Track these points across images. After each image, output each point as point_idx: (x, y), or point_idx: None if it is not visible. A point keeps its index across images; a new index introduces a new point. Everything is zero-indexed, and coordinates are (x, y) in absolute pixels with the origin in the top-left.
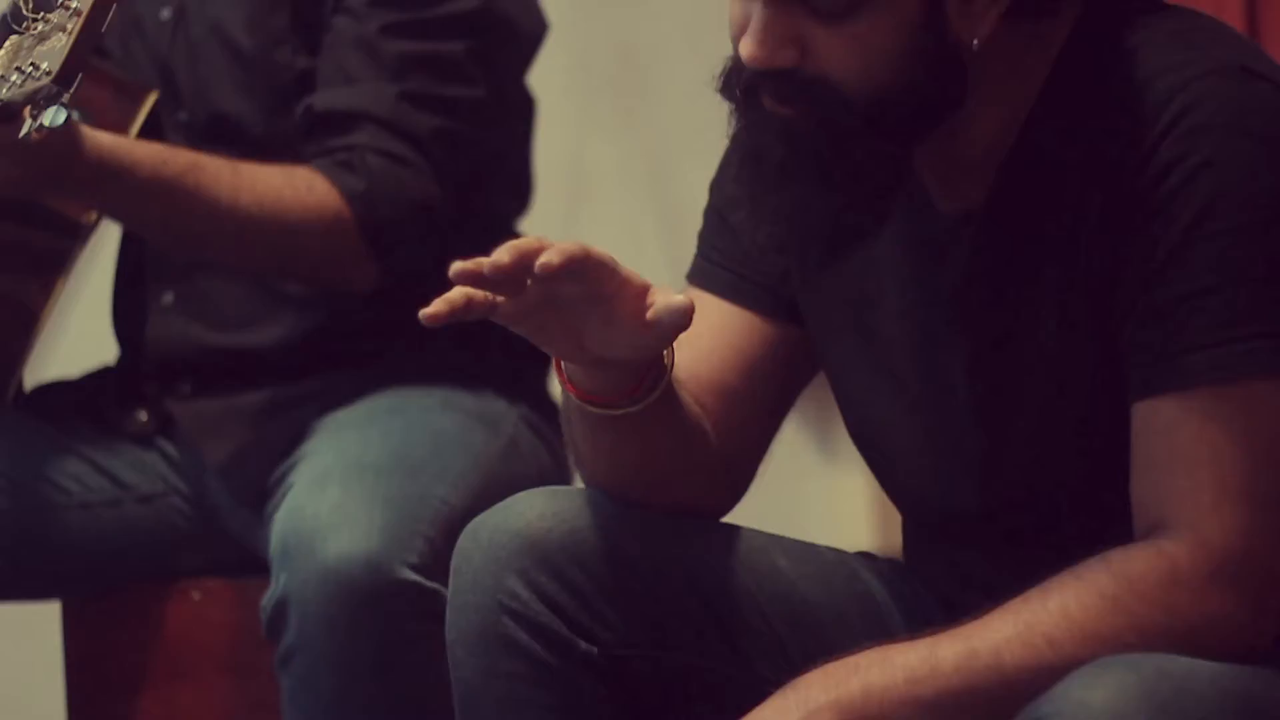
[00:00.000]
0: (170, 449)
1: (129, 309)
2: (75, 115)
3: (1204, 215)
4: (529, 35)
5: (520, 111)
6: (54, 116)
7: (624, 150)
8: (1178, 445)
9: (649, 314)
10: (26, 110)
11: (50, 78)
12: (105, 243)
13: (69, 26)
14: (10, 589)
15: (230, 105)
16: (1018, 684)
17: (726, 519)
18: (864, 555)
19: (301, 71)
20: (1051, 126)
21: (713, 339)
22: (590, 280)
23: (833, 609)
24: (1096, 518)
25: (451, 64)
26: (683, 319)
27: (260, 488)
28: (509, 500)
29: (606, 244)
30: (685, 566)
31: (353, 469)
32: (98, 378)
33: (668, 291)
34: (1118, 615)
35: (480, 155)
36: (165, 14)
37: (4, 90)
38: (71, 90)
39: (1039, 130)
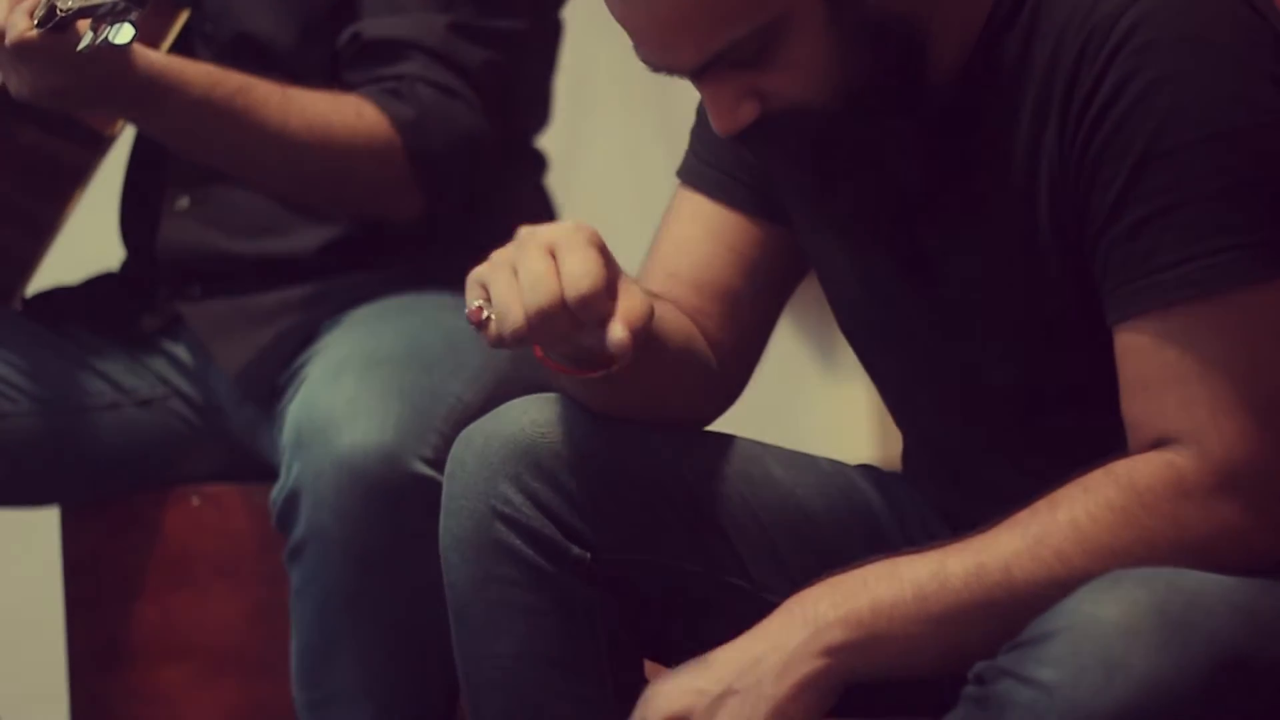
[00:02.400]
0: (176, 350)
1: (140, 212)
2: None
3: (1162, 131)
4: None
5: (553, 40)
6: (120, 33)
7: (624, 59)
8: (1165, 363)
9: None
10: (87, 23)
11: None
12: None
13: None
14: (9, 495)
15: (259, 26)
16: (1027, 598)
17: (728, 430)
18: (863, 467)
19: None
20: (1006, 43)
21: (707, 241)
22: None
23: (830, 517)
24: (1086, 420)
25: None
26: (624, 351)
27: (272, 385)
28: (504, 406)
29: (608, 153)
30: (680, 474)
31: (368, 362)
32: (100, 283)
33: (627, 288)
34: (1127, 528)
35: (520, 86)
36: None
37: (77, 11)
38: (143, 10)
39: (993, 48)
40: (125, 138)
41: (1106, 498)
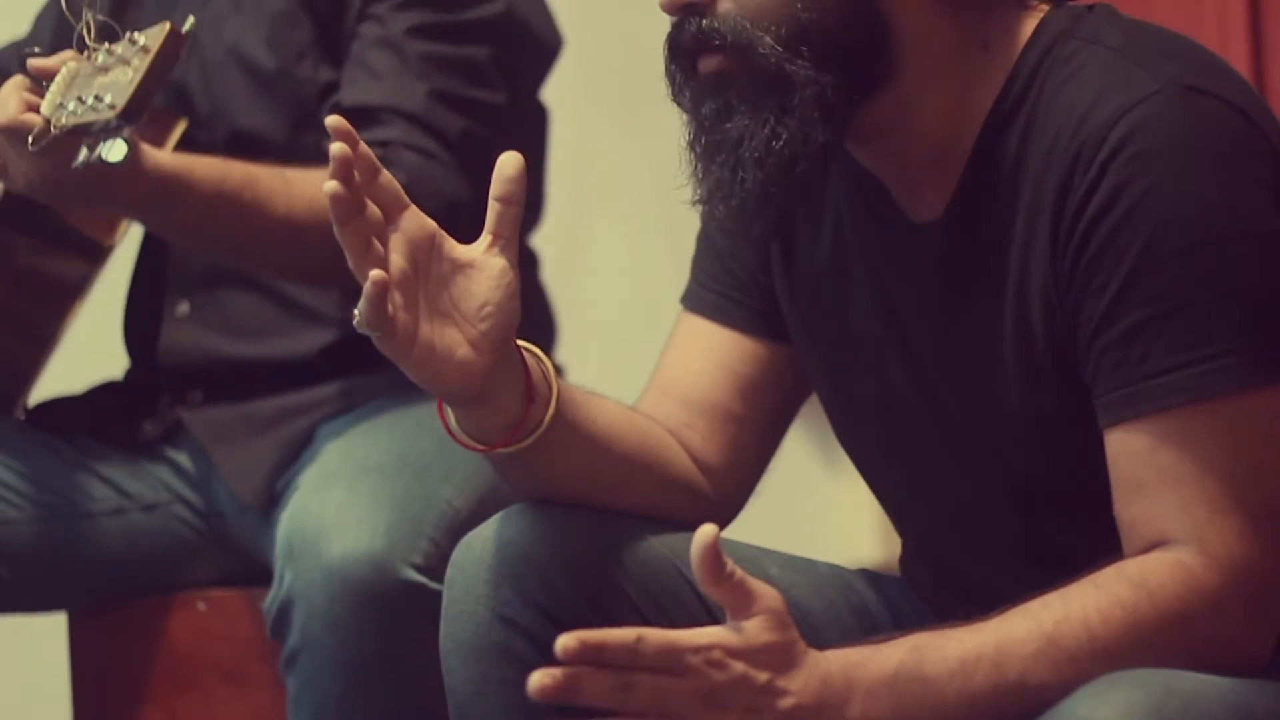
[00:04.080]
0: (178, 457)
1: (142, 319)
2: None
3: (1155, 239)
4: (547, 46)
5: (535, 123)
6: (113, 150)
7: (631, 160)
8: (1161, 466)
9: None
10: (83, 140)
11: (114, 112)
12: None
13: (135, 62)
14: (17, 601)
15: (251, 122)
16: (1035, 698)
17: (730, 529)
18: (861, 570)
19: (325, 84)
20: (1005, 140)
21: (702, 360)
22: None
23: (828, 617)
24: (1082, 525)
25: (475, 67)
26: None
27: (269, 492)
28: (502, 513)
29: (613, 253)
30: (678, 576)
31: (358, 470)
32: (102, 391)
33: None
34: (1136, 628)
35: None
36: None
37: (62, 117)
38: (135, 126)
39: (993, 143)
40: (129, 245)
41: (1117, 595)
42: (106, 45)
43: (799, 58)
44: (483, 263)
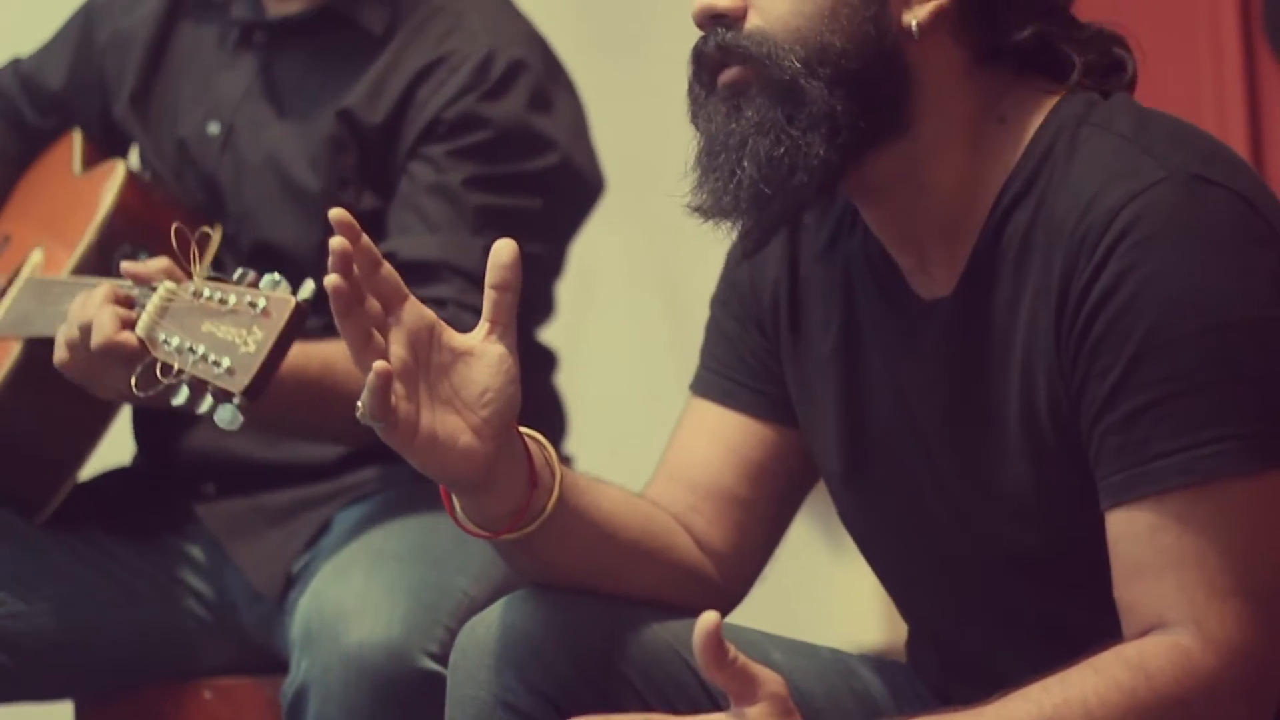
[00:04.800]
0: (189, 548)
1: (154, 415)
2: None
3: (1159, 324)
4: (594, 190)
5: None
6: (223, 415)
7: (632, 244)
8: (1160, 548)
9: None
10: (186, 379)
11: (235, 385)
12: None
13: (255, 332)
14: (25, 690)
15: (281, 236)
16: None
17: (736, 611)
18: (864, 655)
19: (366, 212)
20: (1016, 219)
21: (710, 445)
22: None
23: (830, 701)
24: (1086, 609)
25: (530, 220)
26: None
27: (284, 580)
28: (506, 598)
29: (614, 338)
30: (680, 661)
31: (376, 557)
32: (111, 479)
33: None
34: (1133, 712)
35: (538, 302)
36: (213, 129)
37: (167, 355)
38: (252, 401)
39: (1004, 221)
40: None
41: (1116, 679)
42: (220, 285)
43: (815, 77)
44: (482, 350)
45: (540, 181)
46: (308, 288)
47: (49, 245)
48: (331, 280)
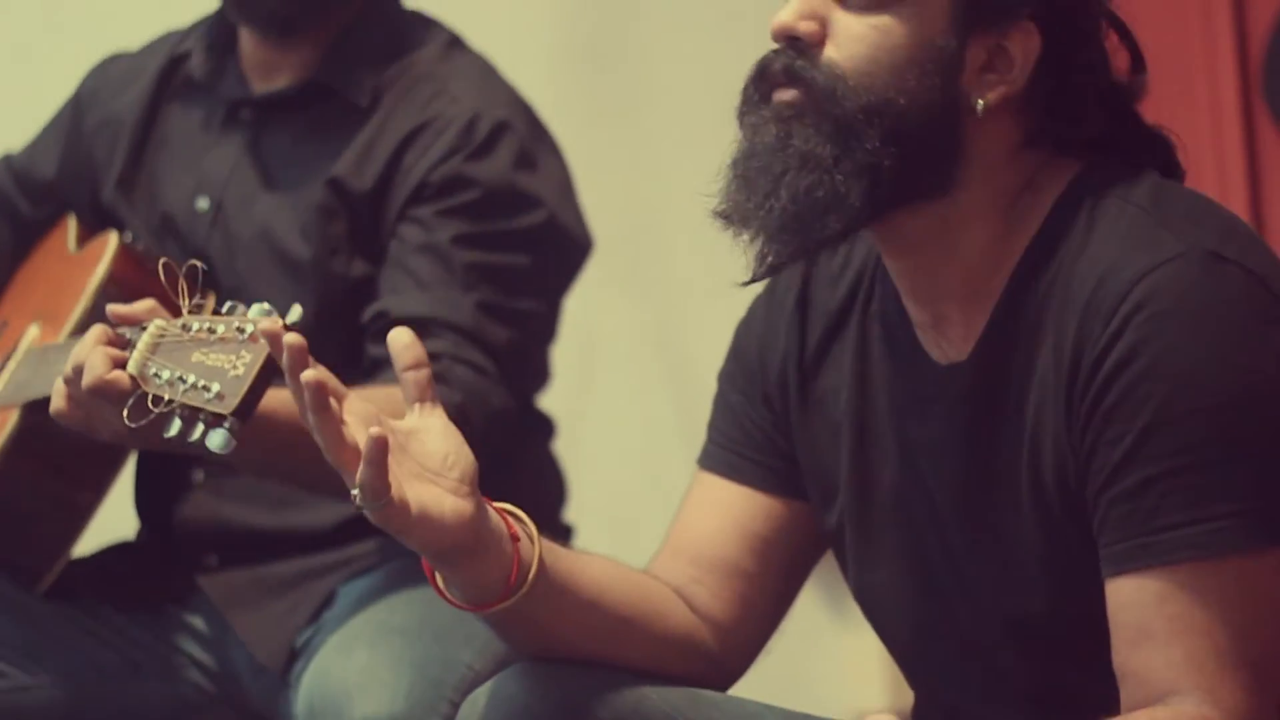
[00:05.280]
0: (191, 619)
1: (155, 487)
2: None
3: (1171, 398)
4: (582, 249)
5: (559, 314)
6: (215, 439)
7: (633, 321)
8: (1168, 617)
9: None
10: (178, 411)
11: (225, 408)
12: None
13: (244, 356)
14: None
15: (272, 303)
16: None
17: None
18: None
19: (357, 279)
20: (1034, 286)
21: (715, 517)
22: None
23: None
24: (1086, 668)
25: (519, 277)
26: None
27: (287, 652)
28: (504, 671)
29: (618, 410)
30: None
31: (380, 632)
32: (115, 553)
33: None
34: None
35: (533, 363)
36: (202, 204)
37: (158, 387)
38: (245, 423)
39: (1023, 287)
40: None
41: None
42: (196, 301)
43: (871, 126)
44: (425, 425)
45: (528, 239)
46: (295, 311)
47: (45, 320)
48: (309, 375)
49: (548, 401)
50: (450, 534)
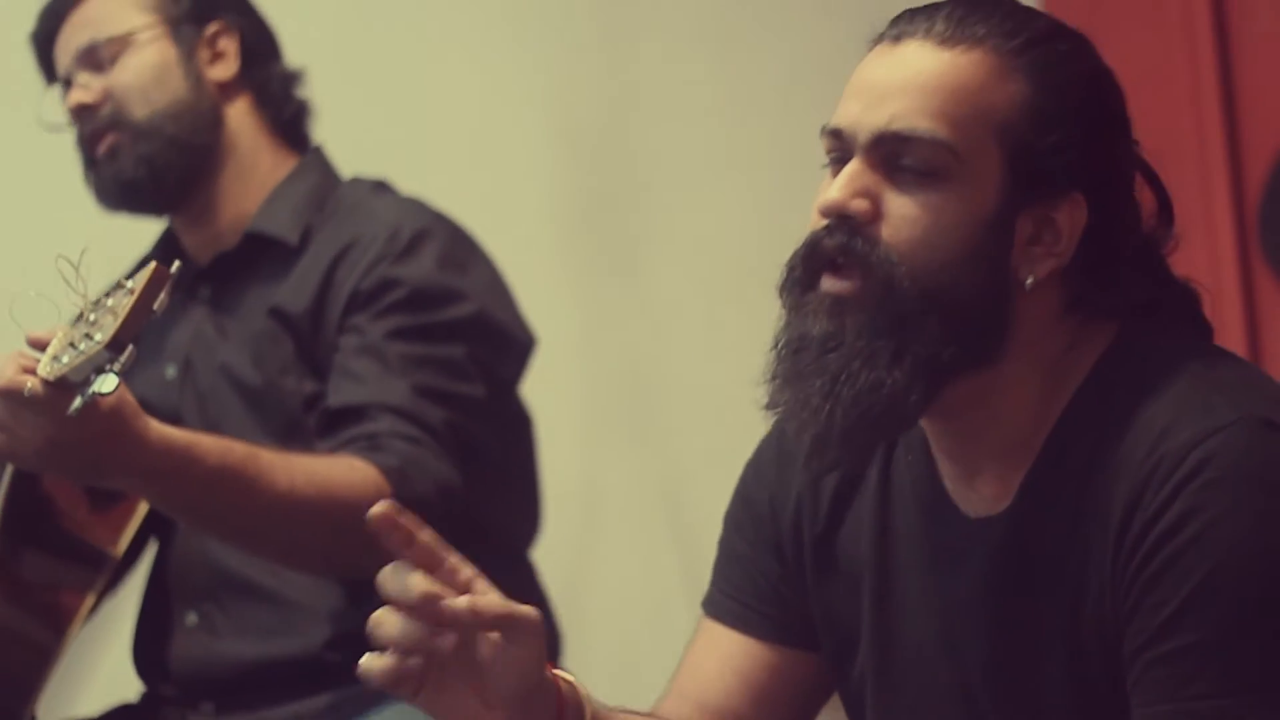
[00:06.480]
0: None
1: (151, 634)
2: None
3: (1220, 568)
4: (520, 344)
5: (519, 426)
6: (103, 383)
7: (636, 471)
8: None
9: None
10: (77, 390)
11: (102, 344)
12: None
13: (124, 300)
14: None
15: (240, 434)
16: None
17: None
18: None
19: (309, 395)
20: (1075, 449)
21: (719, 666)
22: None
23: None
24: None
25: (453, 364)
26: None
27: None
28: None
29: (620, 565)
30: None
31: None
32: (119, 714)
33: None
34: None
35: (485, 461)
36: (171, 372)
37: (54, 367)
38: (123, 358)
39: (1065, 444)
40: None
41: None
42: (98, 306)
43: (929, 317)
44: (511, 656)
45: (460, 330)
46: (176, 264)
47: None
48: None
49: (550, 549)
50: (514, 677)
